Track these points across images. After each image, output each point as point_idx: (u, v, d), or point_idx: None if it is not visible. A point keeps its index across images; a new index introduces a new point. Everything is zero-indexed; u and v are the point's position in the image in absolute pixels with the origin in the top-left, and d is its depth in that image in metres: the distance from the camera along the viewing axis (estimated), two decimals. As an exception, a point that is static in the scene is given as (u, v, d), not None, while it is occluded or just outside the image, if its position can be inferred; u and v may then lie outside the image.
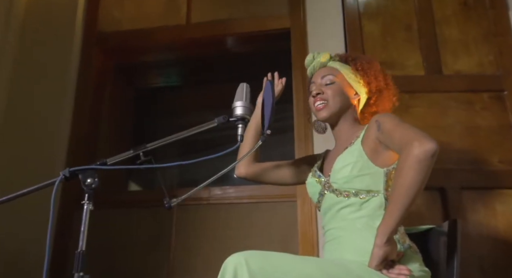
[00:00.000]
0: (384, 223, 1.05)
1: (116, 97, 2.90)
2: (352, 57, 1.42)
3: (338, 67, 1.39)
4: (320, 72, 1.40)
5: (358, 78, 1.37)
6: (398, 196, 1.04)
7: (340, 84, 1.36)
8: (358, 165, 1.20)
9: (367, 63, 1.39)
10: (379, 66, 1.41)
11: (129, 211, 2.36)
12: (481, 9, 2.24)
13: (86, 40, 2.61)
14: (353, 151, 1.23)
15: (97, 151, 2.60)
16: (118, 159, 1.05)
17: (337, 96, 1.34)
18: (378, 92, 1.39)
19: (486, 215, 1.91)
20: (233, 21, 2.54)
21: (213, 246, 2.19)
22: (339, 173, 1.23)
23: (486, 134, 2.02)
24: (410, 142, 1.05)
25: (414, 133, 1.08)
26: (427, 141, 1.03)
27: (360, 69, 1.38)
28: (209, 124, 1.12)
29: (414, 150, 1.02)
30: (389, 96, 1.41)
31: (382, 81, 1.38)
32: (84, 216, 0.93)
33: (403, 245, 1.14)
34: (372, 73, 1.37)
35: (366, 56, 1.46)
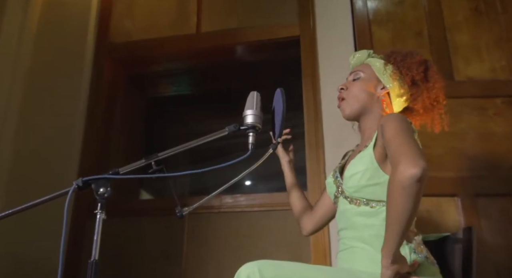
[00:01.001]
0: (386, 246, 1.02)
1: (128, 106, 2.93)
2: (390, 53, 1.37)
3: (372, 62, 1.36)
4: (354, 69, 1.40)
5: (388, 71, 1.30)
6: (391, 222, 1.01)
7: (366, 78, 1.33)
8: (367, 173, 1.17)
9: (402, 55, 1.32)
10: (419, 58, 1.31)
11: (140, 219, 2.37)
12: (493, 14, 2.22)
13: (98, 51, 2.65)
14: (365, 157, 1.20)
15: (109, 160, 2.62)
16: (130, 168, 1.05)
17: (359, 92, 1.31)
18: (414, 86, 1.30)
19: (501, 222, 1.88)
20: (243, 30, 2.55)
21: (225, 255, 2.18)
22: (349, 181, 1.22)
23: (500, 140, 1.99)
24: (397, 164, 1.00)
25: (404, 152, 1.01)
26: (412, 165, 0.96)
27: (393, 62, 1.32)
28: (220, 133, 1.12)
29: (398, 175, 0.98)
30: (429, 91, 1.29)
31: (419, 74, 1.29)
32: (97, 225, 0.93)
33: (419, 254, 1.12)
34: (405, 65, 1.30)
35: (407, 50, 1.36)
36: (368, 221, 1.18)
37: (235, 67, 2.96)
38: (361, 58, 1.40)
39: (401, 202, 0.97)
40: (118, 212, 2.30)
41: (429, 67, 1.33)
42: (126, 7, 2.80)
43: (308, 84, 2.28)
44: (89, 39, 2.64)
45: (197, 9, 2.66)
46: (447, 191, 1.93)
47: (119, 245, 2.27)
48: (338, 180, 1.30)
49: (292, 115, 2.29)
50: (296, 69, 2.36)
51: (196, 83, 3.32)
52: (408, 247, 1.12)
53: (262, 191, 4.04)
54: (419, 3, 2.30)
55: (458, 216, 1.90)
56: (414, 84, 1.30)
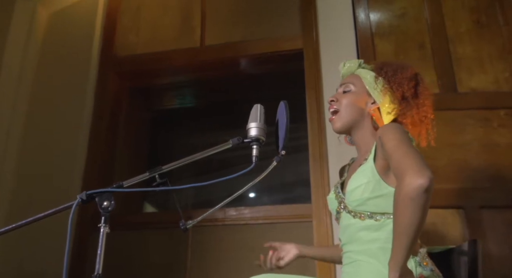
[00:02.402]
0: (393, 259, 1.00)
1: (132, 119, 2.95)
2: (381, 65, 1.36)
3: (362, 74, 1.35)
4: (344, 80, 1.39)
5: (379, 86, 1.30)
6: (398, 235, 1.00)
7: (356, 92, 1.32)
8: (370, 186, 1.17)
9: (393, 70, 1.32)
10: (410, 74, 1.31)
11: (144, 232, 2.36)
12: (495, 26, 2.23)
13: (103, 64, 2.68)
14: (366, 170, 1.20)
15: (113, 173, 2.63)
16: (134, 181, 1.05)
17: (349, 105, 1.31)
18: (404, 101, 1.29)
19: (507, 234, 1.86)
20: (247, 42, 2.57)
21: (229, 267, 2.17)
22: (351, 195, 1.21)
23: (504, 151, 1.99)
24: (402, 175, 0.99)
25: (409, 163, 1.01)
26: (419, 176, 0.96)
27: (383, 76, 1.32)
28: (224, 146, 1.12)
29: (405, 186, 0.97)
30: (418, 107, 1.29)
31: (410, 90, 1.28)
32: (100, 239, 0.93)
33: (425, 268, 1.11)
34: (396, 80, 1.29)
35: (397, 63, 1.36)
36: (373, 234, 1.17)
37: (238, 80, 2.98)
38: (352, 68, 1.40)
39: (409, 213, 0.97)
40: (122, 225, 2.30)
41: (419, 82, 1.33)
42: (131, 21, 2.83)
43: (312, 96, 2.29)
44: (94, 52, 2.67)
45: (201, 23, 2.70)
46: (451, 203, 1.92)
47: (123, 258, 2.26)
48: (340, 195, 1.29)
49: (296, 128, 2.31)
50: (299, 81, 2.37)
51: (200, 96, 3.34)
52: (414, 260, 1.11)
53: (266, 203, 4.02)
54: (421, 15, 2.32)
55: (463, 228, 1.89)
56: (404, 99, 1.29)
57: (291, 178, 3.64)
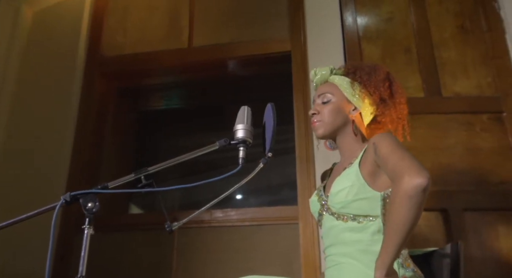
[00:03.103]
0: (381, 258, 1.02)
1: (119, 120, 2.92)
2: (353, 69, 1.37)
3: (337, 82, 1.36)
4: (320, 89, 1.39)
5: (357, 91, 1.33)
6: (391, 233, 1.02)
7: (337, 101, 1.33)
8: (354, 189, 1.19)
9: (367, 74, 1.34)
10: (383, 75, 1.35)
11: (129, 234, 2.35)
12: (478, 32, 2.27)
13: (89, 64, 2.65)
14: (350, 173, 1.22)
15: (99, 174, 2.61)
16: (119, 182, 1.05)
17: (332, 115, 1.32)
18: (382, 102, 1.34)
19: (489, 237, 1.89)
20: (235, 44, 2.57)
21: (215, 269, 2.16)
22: (335, 197, 1.22)
23: (487, 155, 2.02)
24: (401, 175, 1.02)
25: (407, 164, 1.04)
26: (418, 175, 1.00)
27: (359, 81, 1.34)
28: (211, 148, 1.12)
29: (404, 185, 1.00)
30: (396, 106, 1.35)
31: (386, 91, 1.33)
32: (84, 240, 0.92)
33: (407, 269, 1.13)
34: (372, 83, 1.33)
35: (369, 66, 1.39)
36: (356, 236, 1.18)
37: (226, 81, 2.98)
38: (325, 75, 1.40)
39: (405, 211, 0.99)
40: (106, 226, 2.28)
41: (392, 81, 1.37)
42: (118, 21, 2.81)
43: (299, 99, 2.30)
44: (80, 52, 2.64)
45: (189, 24, 2.69)
46: (435, 205, 1.95)
47: (108, 260, 2.23)
48: (323, 198, 1.31)
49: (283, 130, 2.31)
50: (287, 83, 2.38)
51: (187, 97, 3.33)
52: (396, 261, 1.12)
53: (253, 205, 4.03)
54: (407, 20, 2.35)
55: (446, 230, 1.91)
56: (382, 101, 1.34)
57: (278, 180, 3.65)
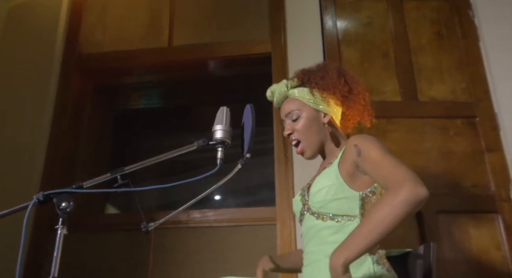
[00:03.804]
0: (347, 250, 0.99)
1: (96, 118, 2.87)
2: (307, 77, 1.38)
3: (297, 95, 1.36)
4: (284, 108, 1.39)
5: (320, 98, 1.34)
6: (367, 231, 0.99)
7: (306, 116, 1.34)
8: (333, 188, 1.20)
9: (321, 78, 1.35)
10: (334, 73, 1.36)
11: (105, 234, 2.31)
12: (454, 39, 2.33)
13: (66, 61, 2.60)
14: (330, 173, 1.24)
15: (74, 173, 2.56)
16: (94, 182, 1.03)
17: (307, 129, 1.33)
18: (345, 98, 1.37)
19: (461, 239, 1.94)
20: (215, 45, 2.57)
21: (192, 270, 2.15)
22: (315, 196, 1.24)
23: (460, 159, 2.08)
24: (402, 182, 1.02)
25: (407, 173, 1.05)
26: (421, 185, 1.00)
27: (316, 87, 1.35)
28: (189, 148, 1.12)
29: (406, 191, 1.00)
30: (358, 96, 1.37)
31: (344, 87, 1.35)
32: (57, 241, 0.90)
33: (382, 266, 1.15)
34: (330, 86, 1.34)
35: (319, 68, 1.39)
36: (333, 236, 1.19)
37: (206, 81, 2.97)
38: (283, 92, 1.39)
39: (392, 213, 0.98)
40: (82, 227, 2.25)
41: (345, 75, 1.39)
42: (97, 18, 2.77)
43: (278, 100, 2.30)
44: (57, 49, 2.59)
45: (169, 23, 2.67)
46: (410, 207, 1.98)
47: (82, 261, 2.19)
48: (305, 198, 1.32)
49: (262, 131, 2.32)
50: (267, 85, 2.37)
51: (167, 96, 3.31)
52: (371, 258, 1.15)
53: (231, 205, 4.03)
54: (386, 25, 2.39)
55: (421, 232, 1.95)
56: (344, 97, 1.36)
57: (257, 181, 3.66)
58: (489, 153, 2.08)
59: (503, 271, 1.88)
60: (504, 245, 1.92)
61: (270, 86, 1.45)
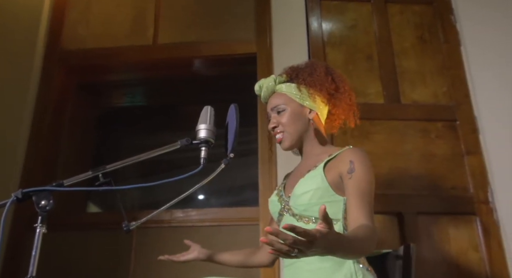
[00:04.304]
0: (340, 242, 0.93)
1: (78, 116, 2.83)
2: (295, 73, 1.39)
3: (285, 90, 1.37)
4: (271, 102, 1.40)
5: (306, 94, 1.35)
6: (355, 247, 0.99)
7: (291, 110, 1.35)
8: (318, 192, 1.21)
9: (309, 74, 1.36)
10: (322, 71, 1.37)
11: (86, 234, 2.28)
12: (436, 43, 2.38)
13: (48, 57, 2.55)
14: (315, 176, 1.24)
15: (56, 171, 2.52)
16: (75, 180, 1.02)
17: (291, 123, 1.34)
18: (331, 97, 1.37)
19: (440, 240, 1.98)
20: (200, 44, 2.56)
21: (174, 270, 2.14)
22: (299, 198, 1.24)
23: (441, 161, 2.12)
24: (370, 223, 1.09)
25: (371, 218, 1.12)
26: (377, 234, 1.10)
27: (303, 83, 1.36)
28: (172, 147, 1.12)
29: (376, 233, 1.08)
30: (344, 94, 1.38)
31: (331, 85, 1.36)
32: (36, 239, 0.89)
33: (362, 265, 1.16)
34: (317, 82, 1.35)
35: (307, 65, 1.41)
36: None
37: (191, 80, 2.96)
38: (271, 87, 1.40)
39: (367, 250, 1.05)
40: (62, 225, 2.21)
41: (332, 73, 1.40)
42: (80, 13, 2.73)
43: (263, 101, 2.31)
44: (39, 44, 2.54)
45: (154, 20, 2.64)
46: (391, 208, 2.02)
47: (63, 260, 2.17)
48: (283, 198, 1.32)
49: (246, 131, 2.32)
50: (252, 85, 2.38)
51: (151, 95, 3.28)
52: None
53: (215, 205, 4.01)
54: (370, 28, 2.42)
55: (401, 233, 1.98)
56: (330, 95, 1.38)
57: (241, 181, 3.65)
58: (468, 156, 2.12)
59: (480, 272, 1.93)
60: (482, 247, 1.96)
61: (258, 81, 1.45)
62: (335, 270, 1.13)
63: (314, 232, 0.78)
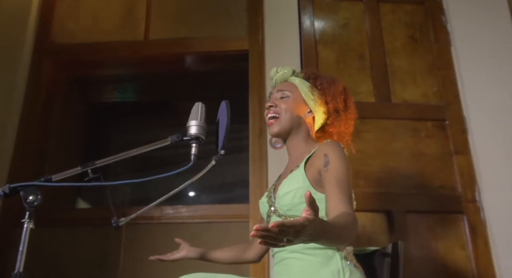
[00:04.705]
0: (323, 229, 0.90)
1: (68, 111, 2.81)
2: (314, 76, 1.42)
3: (297, 83, 1.40)
4: (279, 86, 1.42)
5: (315, 97, 1.37)
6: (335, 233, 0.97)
7: (294, 100, 1.37)
8: (300, 191, 1.21)
9: (327, 83, 1.40)
10: (341, 87, 1.41)
11: (75, 229, 2.26)
12: (427, 43, 2.39)
13: (37, 51, 2.52)
14: (297, 176, 1.25)
15: (44, 166, 2.49)
16: (64, 175, 1.01)
17: (289, 111, 1.35)
18: (335, 113, 1.39)
19: (428, 238, 2.00)
20: (192, 40, 2.55)
21: (163, 267, 2.12)
22: (282, 199, 1.25)
23: (430, 160, 2.13)
24: (350, 212, 1.09)
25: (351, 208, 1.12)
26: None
27: (319, 87, 1.39)
28: (162, 143, 1.11)
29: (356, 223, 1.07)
30: (347, 120, 1.41)
31: (341, 103, 1.39)
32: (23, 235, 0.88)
33: (349, 262, 1.17)
34: (330, 93, 1.38)
35: (329, 76, 1.45)
36: None
37: (182, 76, 2.94)
38: (286, 75, 1.44)
39: (348, 238, 1.04)
40: (51, 221, 2.19)
41: (347, 96, 1.43)
42: (70, 7, 2.69)
43: (255, 98, 2.31)
44: (28, 37, 2.50)
45: (146, 15, 2.62)
46: (381, 206, 2.03)
47: (51, 256, 2.15)
48: (271, 199, 1.33)
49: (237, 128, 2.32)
50: (243, 82, 2.39)
51: (142, 90, 3.26)
52: (339, 254, 1.17)
53: (205, 202, 4.01)
54: (362, 27, 2.43)
55: (390, 231, 2.00)
56: (335, 111, 1.40)
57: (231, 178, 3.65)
58: (457, 155, 2.14)
59: (466, 270, 1.95)
60: (468, 245, 1.98)
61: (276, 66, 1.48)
62: (323, 266, 1.14)
63: (302, 221, 0.78)
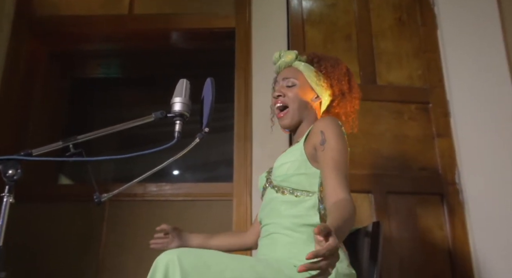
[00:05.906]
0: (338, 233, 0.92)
1: (49, 86, 2.75)
2: (318, 59, 1.42)
3: (302, 68, 1.40)
4: (284, 73, 1.42)
5: (321, 81, 1.38)
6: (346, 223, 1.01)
7: (301, 87, 1.37)
8: (296, 163, 1.24)
9: (331, 66, 1.40)
10: (345, 69, 1.42)
11: (56, 205, 2.26)
12: (414, 26, 2.39)
13: (17, 23, 2.43)
14: (295, 150, 1.28)
15: (25, 141, 2.45)
16: (45, 150, 1.00)
17: (297, 100, 1.36)
18: (341, 95, 1.41)
19: (408, 218, 2.05)
20: (178, 16, 2.50)
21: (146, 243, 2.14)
22: (277, 170, 1.27)
23: (412, 143, 2.16)
24: (347, 193, 1.10)
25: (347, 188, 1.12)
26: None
27: (324, 71, 1.39)
28: (146, 119, 1.10)
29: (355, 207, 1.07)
30: (352, 100, 1.42)
31: (346, 85, 1.40)
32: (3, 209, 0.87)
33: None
34: (335, 76, 1.39)
35: (332, 58, 1.45)
36: (292, 210, 1.22)
37: (167, 53, 2.90)
38: (289, 59, 1.43)
39: (352, 222, 1.05)
40: (32, 196, 2.17)
41: (350, 76, 1.44)
42: (52, -23, 2.61)
43: (241, 77, 2.29)
44: (8, 7, 2.42)
45: (130, -12, 2.56)
46: (363, 187, 2.06)
47: (32, 232, 2.14)
48: (270, 174, 1.35)
49: (222, 107, 2.30)
50: (229, 60, 2.37)
51: (126, 66, 3.20)
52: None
53: (189, 181, 4.01)
54: (350, 8, 2.41)
55: (371, 211, 2.04)
56: (341, 93, 1.41)
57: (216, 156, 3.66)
58: (439, 138, 2.17)
59: (443, 249, 2.01)
60: (447, 225, 2.04)
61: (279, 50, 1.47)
62: (308, 244, 1.16)
63: (332, 244, 0.79)
